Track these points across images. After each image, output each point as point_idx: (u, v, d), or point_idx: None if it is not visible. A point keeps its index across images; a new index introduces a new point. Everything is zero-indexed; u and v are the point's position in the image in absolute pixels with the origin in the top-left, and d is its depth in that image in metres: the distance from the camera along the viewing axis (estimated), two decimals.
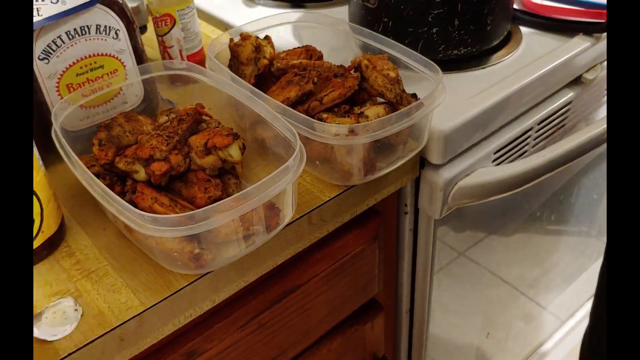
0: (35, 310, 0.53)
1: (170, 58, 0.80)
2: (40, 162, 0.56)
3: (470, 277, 1.00)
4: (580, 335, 1.45)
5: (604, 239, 1.33)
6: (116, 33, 0.67)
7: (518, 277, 1.13)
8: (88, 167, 0.56)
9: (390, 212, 0.79)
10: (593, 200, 1.19)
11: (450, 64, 0.79)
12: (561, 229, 1.18)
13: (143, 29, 0.95)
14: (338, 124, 0.60)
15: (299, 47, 0.75)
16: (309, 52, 0.74)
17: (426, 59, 0.66)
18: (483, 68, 0.80)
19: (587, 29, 0.84)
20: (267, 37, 0.75)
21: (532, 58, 0.81)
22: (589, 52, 0.83)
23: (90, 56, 0.66)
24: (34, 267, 0.57)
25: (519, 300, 1.20)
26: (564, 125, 0.87)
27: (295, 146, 0.55)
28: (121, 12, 0.67)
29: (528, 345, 1.37)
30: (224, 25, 0.97)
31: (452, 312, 1.01)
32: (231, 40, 0.74)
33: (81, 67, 0.66)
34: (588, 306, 1.47)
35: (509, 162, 0.80)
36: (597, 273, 0.76)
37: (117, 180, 0.60)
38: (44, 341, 0.51)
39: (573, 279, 1.36)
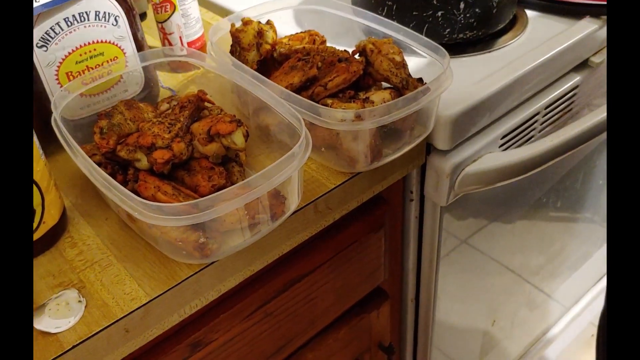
0: (38, 302, 0.52)
1: (171, 45, 0.79)
2: (41, 151, 0.55)
3: (474, 265, 0.99)
4: (585, 322, 1.46)
5: None
6: (116, 19, 0.66)
7: (522, 264, 1.13)
8: (89, 156, 0.55)
9: (395, 200, 0.78)
10: (598, 186, 1.18)
11: (456, 48, 0.78)
12: (566, 215, 1.17)
13: (142, 16, 0.94)
14: (344, 109, 0.59)
15: (301, 32, 0.73)
16: (312, 36, 0.73)
17: (433, 42, 0.65)
18: (489, 52, 0.78)
19: (594, 12, 0.83)
20: (269, 22, 0.73)
21: (538, 42, 0.79)
22: (596, 35, 0.81)
23: (89, 43, 0.65)
24: (36, 258, 0.56)
25: (523, 287, 1.19)
26: (570, 110, 0.86)
27: (301, 132, 0.54)
28: None
29: (533, 333, 1.36)
30: (223, 12, 0.96)
31: (456, 300, 1.00)
32: (232, 25, 0.72)
33: (80, 55, 0.65)
34: (593, 293, 1.47)
35: (516, 147, 0.78)
36: (601, 260, 0.75)
37: (119, 169, 0.59)
38: (47, 333, 0.50)
39: (577, 266, 1.35)
